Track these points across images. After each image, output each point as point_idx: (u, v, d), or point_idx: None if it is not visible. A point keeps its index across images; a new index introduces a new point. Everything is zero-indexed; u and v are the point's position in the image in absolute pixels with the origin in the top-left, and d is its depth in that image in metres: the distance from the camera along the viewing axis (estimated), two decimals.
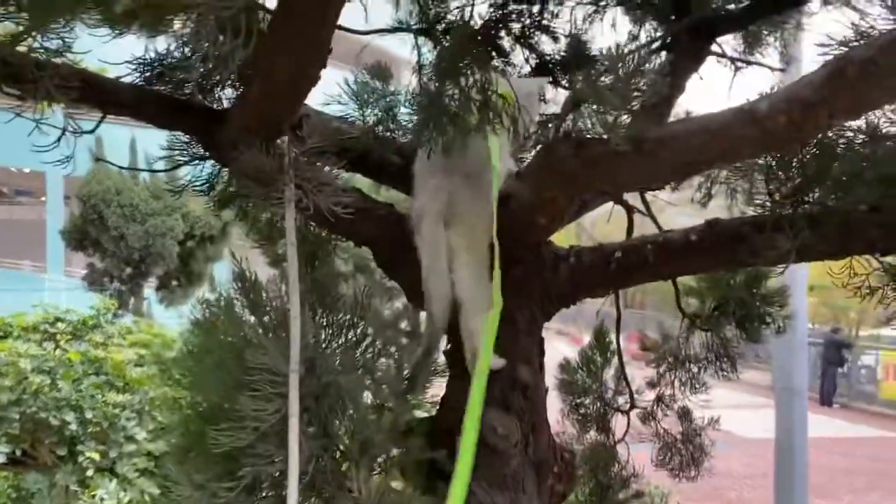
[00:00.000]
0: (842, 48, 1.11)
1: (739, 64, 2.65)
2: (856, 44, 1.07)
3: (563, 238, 1.88)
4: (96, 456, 5.55)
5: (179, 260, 16.93)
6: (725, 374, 2.59)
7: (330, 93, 1.94)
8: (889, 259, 1.51)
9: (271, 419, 1.38)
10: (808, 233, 1.40)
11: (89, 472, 5.47)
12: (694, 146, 1.16)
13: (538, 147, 1.47)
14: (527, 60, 2.56)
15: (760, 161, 1.50)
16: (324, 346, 1.75)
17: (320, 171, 1.38)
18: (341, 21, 2.65)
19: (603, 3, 2.66)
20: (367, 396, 1.79)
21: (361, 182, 2.06)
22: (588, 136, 1.31)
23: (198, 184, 1.67)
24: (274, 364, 1.39)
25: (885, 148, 1.44)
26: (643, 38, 2.58)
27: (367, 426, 1.54)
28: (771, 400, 7.92)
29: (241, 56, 1.07)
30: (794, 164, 1.46)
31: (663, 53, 2.39)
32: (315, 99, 1.94)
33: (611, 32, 2.68)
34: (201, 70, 0.97)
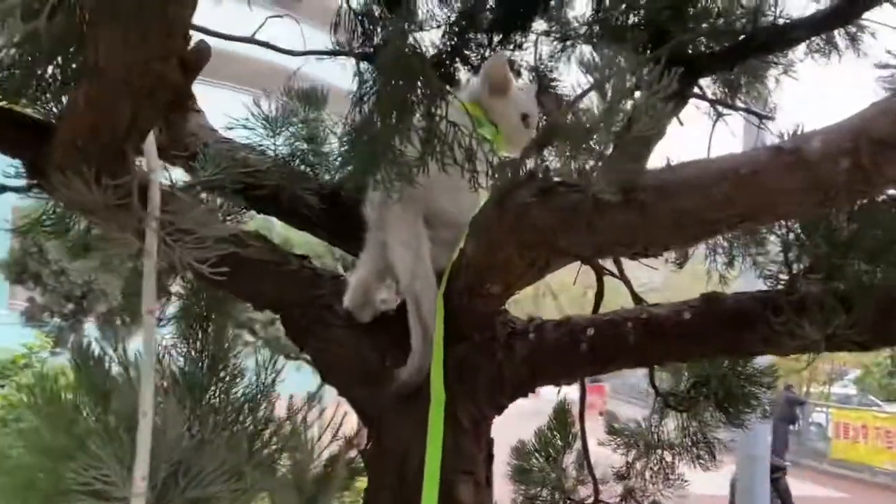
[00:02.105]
0: None
1: (721, 110, 2.38)
2: None
3: None
4: None
5: (123, 297, 16.21)
6: (703, 462, 2.24)
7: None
8: None
9: None
10: (844, 318, 1.05)
11: None
12: (713, 199, 0.81)
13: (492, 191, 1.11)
14: None
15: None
16: (208, 438, 1.35)
17: (187, 209, 1.00)
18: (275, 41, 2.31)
19: (570, 42, 2.39)
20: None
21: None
22: (558, 179, 0.96)
23: (48, 223, 1.26)
24: (109, 482, 0.98)
25: None
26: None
27: None
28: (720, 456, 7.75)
29: (54, 33, 0.69)
30: (819, 228, 1.12)
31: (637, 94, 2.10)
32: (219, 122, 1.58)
33: (577, 72, 2.41)
34: None
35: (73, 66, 0.91)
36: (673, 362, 1.73)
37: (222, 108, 1.79)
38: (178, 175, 1.51)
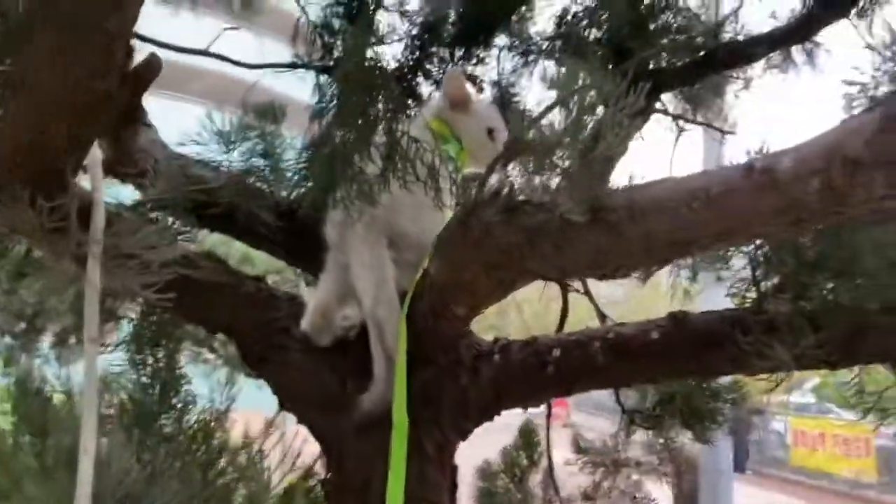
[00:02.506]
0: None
1: (683, 125, 2.38)
2: None
3: None
4: None
5: (75, 315, 15.78)
6: (668, 479, 2.23)
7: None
8: None
9: None
10: (812, 338, 1.04)
11: None
12: (685, 219, 0.78)
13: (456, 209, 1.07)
14: None
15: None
16: (159, 469, 1.28)
17: (133, 231, 0.94)
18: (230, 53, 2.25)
19: (532, 58, 2.38)
20: None
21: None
22: (523, 198, 0.93)
23: None
24: None
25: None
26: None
27: None
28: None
29: None
30: (786, 246, 1.11)
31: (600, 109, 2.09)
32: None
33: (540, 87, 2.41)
34: None
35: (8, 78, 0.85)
36: (640, 383, 1.70)
37: (182, 123, 1.72)
38: (128, 193, 1.45)
